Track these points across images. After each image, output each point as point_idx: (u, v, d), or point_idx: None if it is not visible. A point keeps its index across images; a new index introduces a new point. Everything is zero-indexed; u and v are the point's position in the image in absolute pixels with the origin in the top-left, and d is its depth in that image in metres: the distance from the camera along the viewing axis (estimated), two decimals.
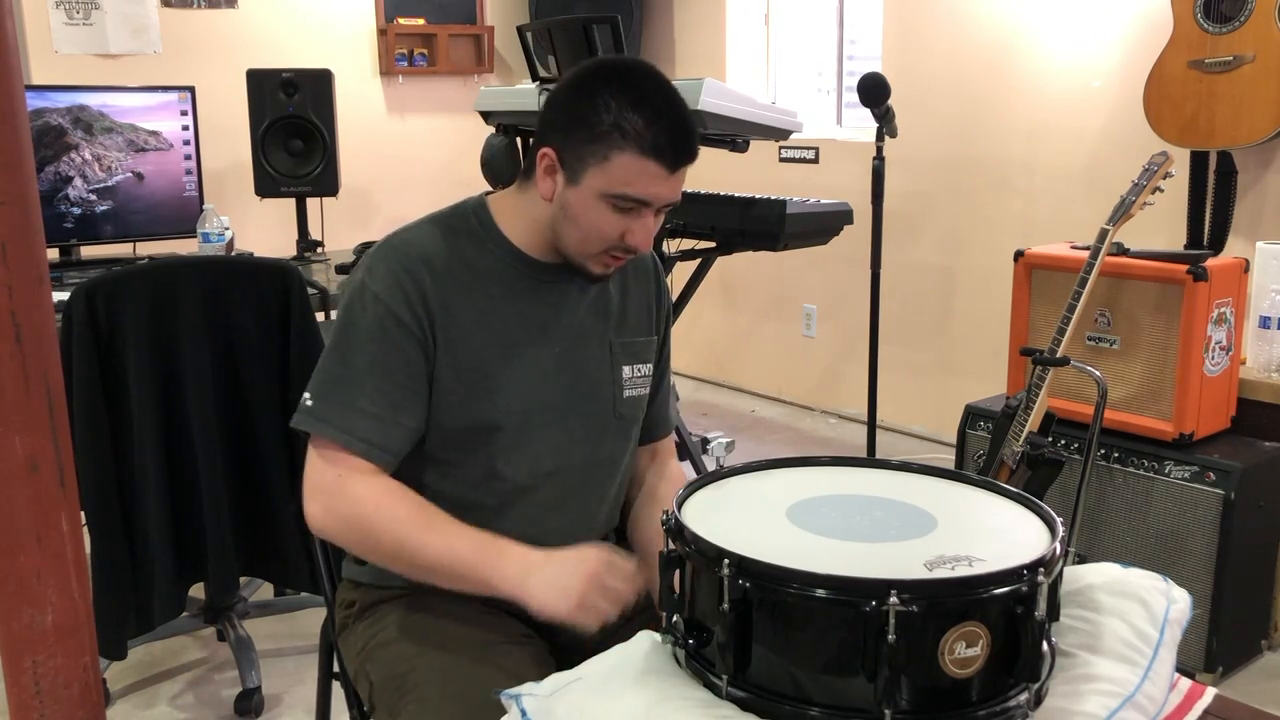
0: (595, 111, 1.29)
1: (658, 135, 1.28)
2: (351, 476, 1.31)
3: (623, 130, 1.28)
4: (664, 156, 1.29)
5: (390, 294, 1.33)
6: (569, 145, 1.31)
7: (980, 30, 3.84)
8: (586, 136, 1.30)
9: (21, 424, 0.87)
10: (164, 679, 2.57)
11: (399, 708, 1.29)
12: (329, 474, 1.31)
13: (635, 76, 1.31)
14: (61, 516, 0.90)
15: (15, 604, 0.89)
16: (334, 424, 1.31)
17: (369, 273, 1.35)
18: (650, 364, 1.52)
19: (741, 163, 3.69)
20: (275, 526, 2.32)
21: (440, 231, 1.39)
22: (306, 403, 1.33)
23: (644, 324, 1.52)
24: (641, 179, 1.30)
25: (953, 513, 1.13)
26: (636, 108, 1.28)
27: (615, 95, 1.28)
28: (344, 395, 1.32)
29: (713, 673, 1.01)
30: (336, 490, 1.31)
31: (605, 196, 1.31)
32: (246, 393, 2.25)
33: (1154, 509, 2.52)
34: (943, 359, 4.15)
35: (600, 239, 1.34)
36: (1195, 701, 1.13)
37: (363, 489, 1.31)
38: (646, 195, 1.31)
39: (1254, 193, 3.15)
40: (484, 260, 1.39)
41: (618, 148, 1.28)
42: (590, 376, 1.44)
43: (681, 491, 1.15)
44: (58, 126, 3.07)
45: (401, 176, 4.85)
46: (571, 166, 1.32)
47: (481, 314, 1.37)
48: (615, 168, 1.29)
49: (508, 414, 1.37)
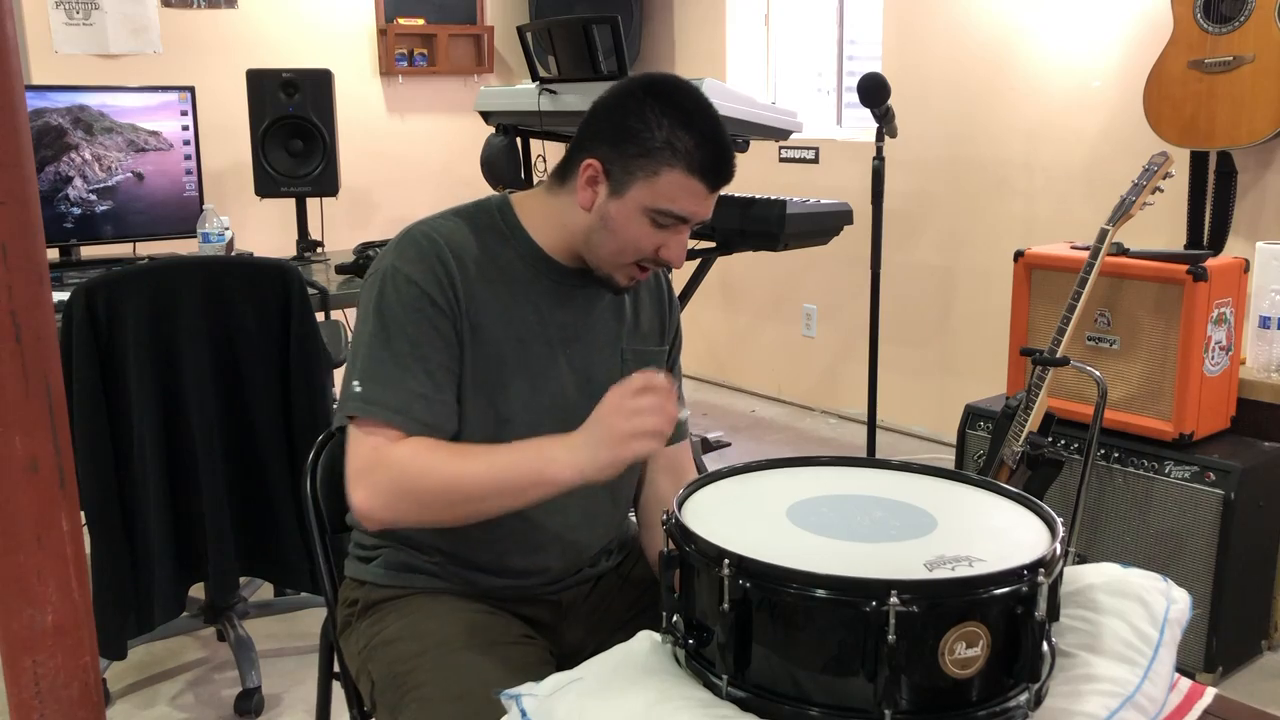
0: (647, 128, 1.32)
1: (705, 156, 1.32)
2: (387, 445, 1.29)
3: (674, 149, 1.31)
4: (708, 177, 1.33)
5: (423, 276, 1.33)
6: (617, 159, 1.33)
7: (980, 30, 3.84)
8: (637, 151, 1.32)
9: (21, 424, 0.87)
10: (164, 679, 2.57)
11: (400, 706, 1.29)
12: (367, 452, 1.29)
13: (682, 96, 1.34)
14: (61, 516, 0.90)
15: (15, 604, 0.89)
16: (390, 407, 1.30)
17: (399, 256, 1.35)
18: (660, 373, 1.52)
19: (741, 163, 3.68)
20: (275, 526, 2.32)
21: (466, 224, 1.40)
22: (355, 389, 1.31)
23: (654, 333, 1.54)
24: (685, 197, 1.33)
25: (953, 513, 1.13)
26: (687, 128, 1.31)
27: (666, 113, 1.32)
28: (394, 377, 1.31)
29: (713, 673, 1.01)
30: (375, 462, 1.28)
31: (648, 211, 1.34)
32: (246, 393, 2.25)
33: (1154, 509, 2.52)
34: (943, 359, 4.15)
35: (635, 251, 1.37)
36: (1195, 701, 1.13)
37: (399, 451, 1.29)
38: (687, 212, 1.35)
39: (1254, 193, 3.15)
40: (506, 257, 1.40)
41: (668, 165, 1.31)
42: (600, 381, 1.44)
43: (681, 491, 1.16)
44: (58, 126, 3.07)
45: (401, 176, 4.85)
46: (617, 179, 1.34)
47: (504, 308, 1.38)
48: (663, 184, 1.32)
49: (519, 409, 1.39)
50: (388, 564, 1.44)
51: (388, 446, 1.29)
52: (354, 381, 1.32)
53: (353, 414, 1.31)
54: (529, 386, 1.39)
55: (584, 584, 1.50)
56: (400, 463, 1.28)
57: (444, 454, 1.29)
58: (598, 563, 1.51)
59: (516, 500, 1.27)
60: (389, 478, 1.27)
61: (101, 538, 2.13)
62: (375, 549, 1.46)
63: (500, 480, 1.26)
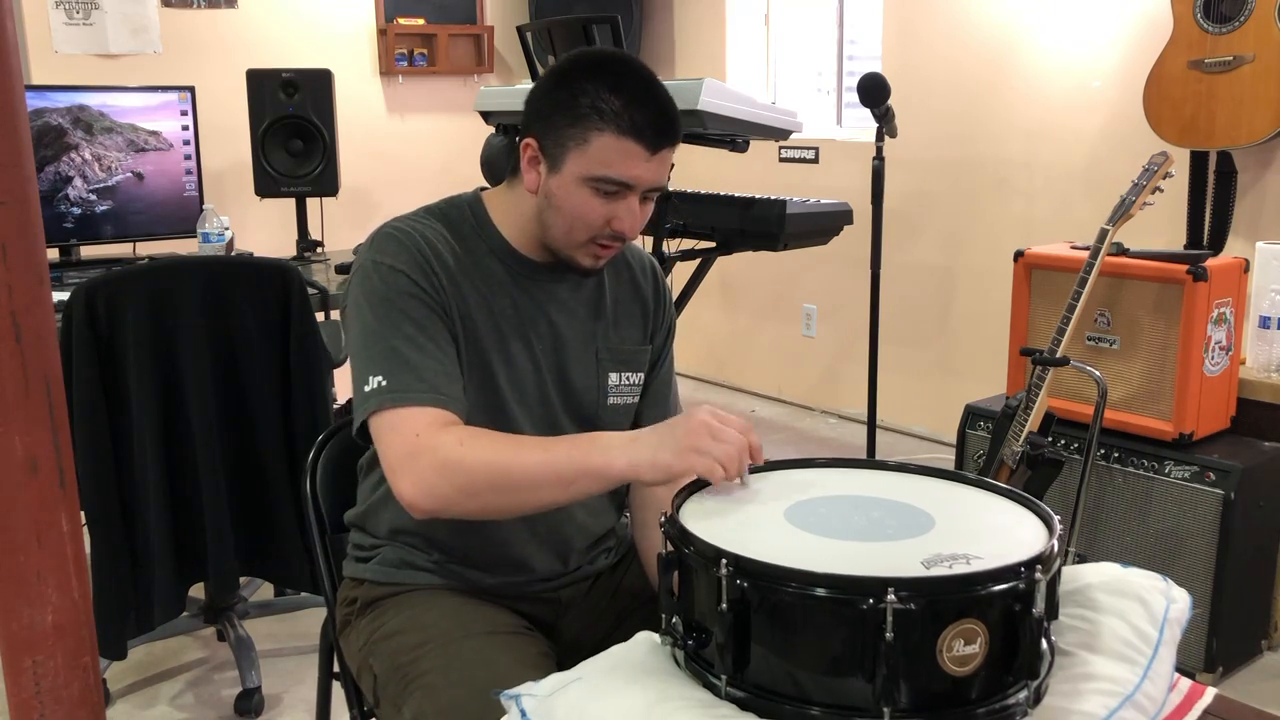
0: (573, 96, 1.29)
1: (635, 115, 1.28)
2: (430, 430, 1.25)
3: (600, 111, 1.28)
4: (643, 136, 1.29)
5: (408, 265, 1.33)
6: (549, 132, 1.32)
7: (980, 30, 3.84)
8: (566, 121, 1.30)
9: (21, 424, 0.87)
10: (164, 679, 2.57)
11: (404, 697, 1.29)
12: (408, 438, 1.24)
13: (613, 63, 1.32)
14: (61, 516, 0.90)
15: (15, 604, 0.89)
16: (421, 389, 1.27)
17: (379, 251, 1.35)
18: (641, 373, 1.51)
19: (741, 163, 3.69)
20: (275, 526, 2.32)
21: (438, 221, 1.40)
22: (380, 384, 1.27)
23: (636, 332, 1.51)
24: (622, 160, 1.29)
25: (950, 512, 1.13)
26: (615, 90, 1.28)
27: (593, 79, 1.29)
28: (414, 361, 1.28)
29: (712, 673, 1.01)
30: (418, 449, 1.23)
31: (587, 180, 1.31)
32: (246, 393, 2.25)
33: (1154, 509, 2.52)
34: (943, 359, 4.15)
35: (585, 226, 1.33)
36: (1195, 701, 1.13)
37: (445, 435, 1.25)
38: (628, 177, 1.31)
39: (1254, 193, 3.15)
40: (478, 254, 1.39)
41: (596, 129, 1.28)
42: (575, 380, 1.44)
43: (680, 492, 1.16)
44: (58, 126, 3.07)
45: (401, 176, 4.85)
46: (552, 154, 1.32)
47: (483, 300, 1.37)
48: (595, 149, 1.29)
49: (505, 400, 1.38)
50: (386, 562, 1.44)
51: (430, 432, 1.24)
52: (373, 378, 1.27)
53: (382, 407, 1.26)
54: (508, 380, 1.39)
55: (582, 581, 1.50)
56: (445, 448, 1.23)
57: (489, 440, 1.25)
58: (595, 560, 1.51)
59: (564, 493, 1.23)
60: (434, 463, 1.22)
61: (101, 538, 2.13)
62: (373, 548, 1.46)
63: (556, 473, 1.21)
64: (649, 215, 1.38)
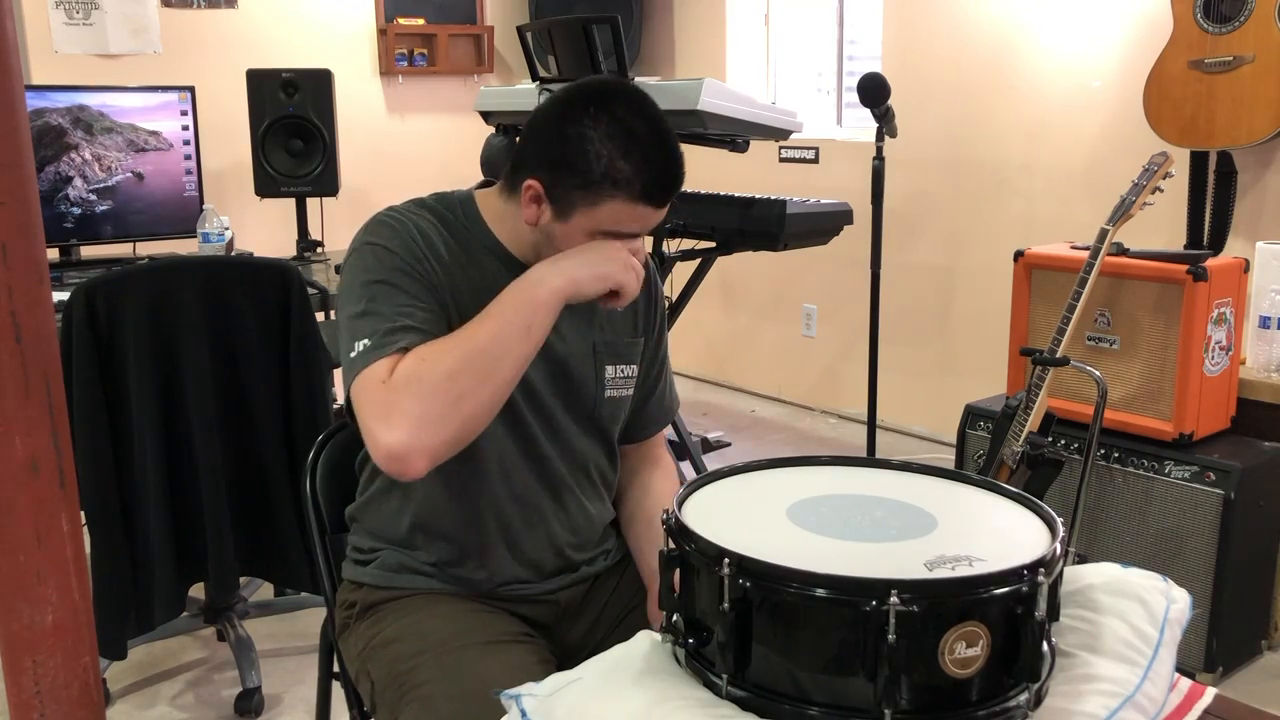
0: (585, 158, 1.27)
1: (647, 180, 1.28)
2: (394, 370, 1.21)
3: (614, 181, 1.27)
4: (653, 199, 1.30)
5: (401, 247, 1.32)
6: (557, 185, 1.30)
7: (980, 30, 3.84)
8: (576, 183, 1.29)
9: (21, 424, 0.87)
10: (164, 679, 2.57)
11: (400, 707, 1.29)
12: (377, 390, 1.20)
13: (623, 113, 1.28)
14: (61, 516, 0.90)
15: (15, 604, 0.89)
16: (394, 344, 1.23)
17: (372, 235, 1.34)
18: (635, 365, 1.51)
19: (741, 163, 3.69)
20: (275, 526, 2.32)
21: (431, 214, 1.39)
22: (364, 344, 1.23)
23: (629, 325, 1.51)
24: (630, 220, 1.31)
25: (953, 513, 1.13)
26: (626, 155, 1.27)
27: (606, 141, 1.27)
28: (403, 315, 1.26)
29: (713, 672, 1.01)
30: (389, 389, 1.19)
31: (594, 234, 1.31)
32: (246, 393, 2.25)
33: (1154, 509, 2.52)
34: (943, 359, 4.15)
35: None
36: (1195, 701, 1.13)
37: (403, 364, 1.21)
38: (634, 230, 1.33)
39: (1254, 193, 3.15)
40: (471, 249, 1.39)
41: (609, 195, 1.28)
42: (574, 372, 1.44)
43: (681, 491, 1.15)
44: (58, 126, 3.07)
45: (401, 176, 4.84)
46: (559, 204, 1.31)
47: (475, 288, 1.36)
48: (604, 212, 1.30)
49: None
50: (385, 566, 1.44)
51: (395, 372, 1.20)
52: (360, 341, 1.24)
53: (371, 361, 1.21)
54: None
55: (581, 583, 1.50)
56: (407, 372, 1.19)
57: (443, 340, 1.23)
58: (594, 562, 1.51)
59: (529, 338, 1.24)
60: (407, 393, 1.18)
61: (101, 538, 2.13)
62: (372, 551, 1.46)
63: (509, 322, 1.23)
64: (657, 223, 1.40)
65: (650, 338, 1.54)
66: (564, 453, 1.45)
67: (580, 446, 1.46)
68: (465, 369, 1.20)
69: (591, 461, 1.48)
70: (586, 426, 1.47)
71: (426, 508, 1.41)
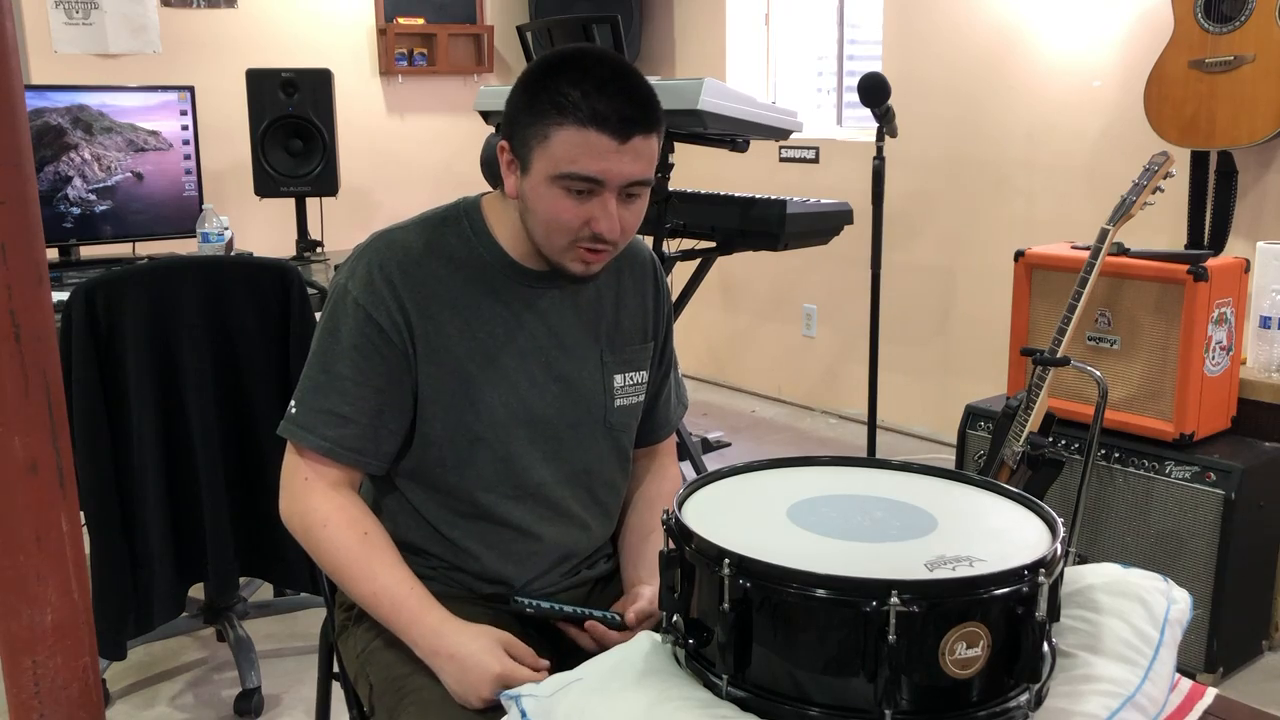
0: (535, 94, 1.24)
1: (596, 104, 1.20)
2: (315, 486, 1.34)
3: (558, 105, 1.21)
4: (607, 124, 1.21)
5: (370, 301, 1.32)
6: (516, 133, 1.27)
7: (980, 30, 3.84)
8: (527, 119, 1.24)
9: (21, 424, 0.87)
10: (164, 679, 2.56)
11: (399, 710, 1.29)
12: (297, 478, 1.36)
13: (577, 56, 1.26)
14: (61, 517, 0.90)
15: (15, 604, 0.89)
16: (315, 431, 1.33)
17: (351, 275, 1.36)
18: (645, 371, 1.49)
19: (741, 163, 3.69)
20: (275, 526, 2.29)
21: (429, 232, 1.37)
22: (291, 410, 1.36)
23: (638, 331, 1.48)
24: (586, 155, 1.22)
25: (953, 513, 1.13)
26: (577, 83, 1.21)
27: (555, 74, 1.23)
28: (326, 402, 1.33)
29: (713, 672, 1.01)
30: (300, 495, 1.36)
31: (555, 180, 1.24)
32: (246, 393, 2.25)
33: (1154, 509, 2.51)
34: (943, 359, 4.15)
35: (561, 229, 1.27)
36: (1196, 702, 1.13)
37: (319, 501, 1.34)
38: (595, 172, 1.22)
39: (1254, 193, 3.15)
40: (472, 264, 1.36)
41: (555, 123, 1.22)
42: (581, 386, 1.41)
43: (682, 491, 1.15)
44: (57, 126, 3.07)
45: (401, 176, 4.85)
46: (521, 155, 1.28)
47: (466, 323, 1.34)
48: (556, 145, 1.22)
49: (490, 425, 1.35)
50: None
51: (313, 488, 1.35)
52: (293, 402, 1.36)
53: (283, 434, 1.37)
54: (500, 401, 1.35)
55: (582, 586, 1.49)
56: (314, 514, 1.34)
57: (349, 542, 1.33)
58: (595, 565, 1.51)
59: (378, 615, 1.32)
60: (302, 523, 1.36)
61: (101, 538, 2.13)
62: None
63: (374, 611, 1.32)
64: (640, 215, 1.32)
65: (658, 341, 1.53)
66: (570, 477, 1.42)
67: (587, 464, 1.43)
68: (333, 576, 1.35)
69: (599, 478, 1.45)
70: (599, 439, 1.44)
71: (416, 535, 1.42)
